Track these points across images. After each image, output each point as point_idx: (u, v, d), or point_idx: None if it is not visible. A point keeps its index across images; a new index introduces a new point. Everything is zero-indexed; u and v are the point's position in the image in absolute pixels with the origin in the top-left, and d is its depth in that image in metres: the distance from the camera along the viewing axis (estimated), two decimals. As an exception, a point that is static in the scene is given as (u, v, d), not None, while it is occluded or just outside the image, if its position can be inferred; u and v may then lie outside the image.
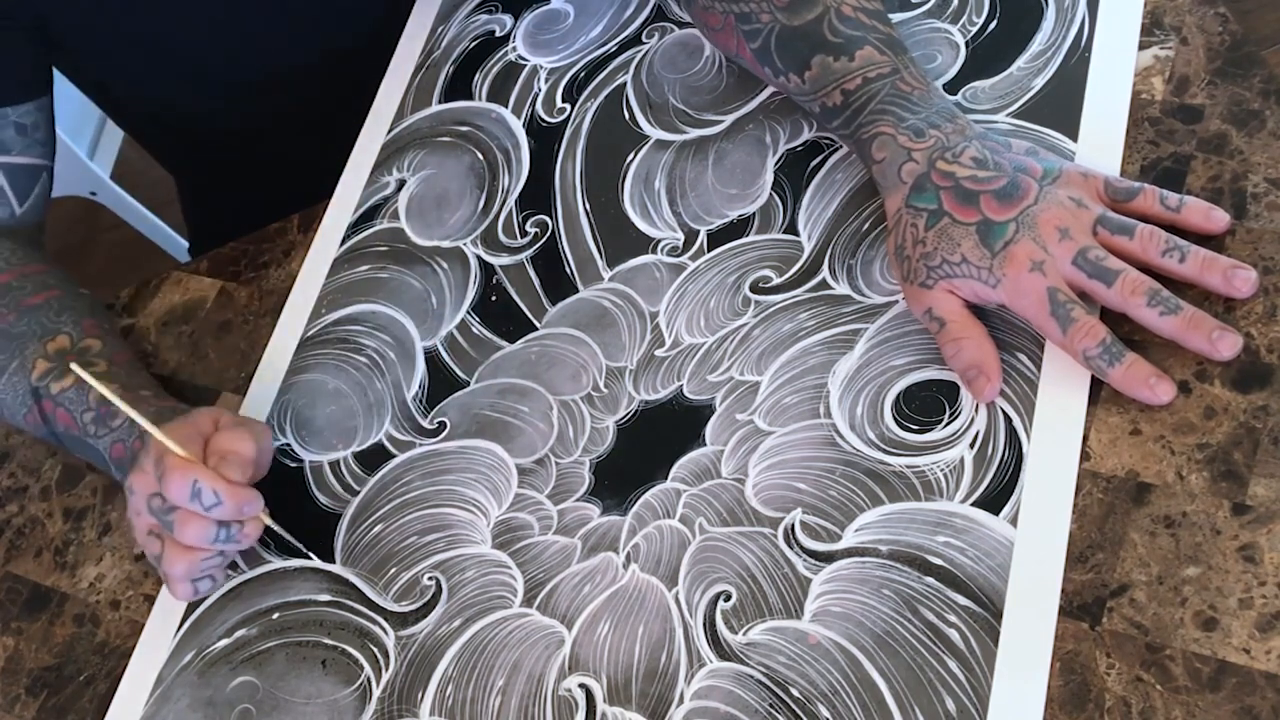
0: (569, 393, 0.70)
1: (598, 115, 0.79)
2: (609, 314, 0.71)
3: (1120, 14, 0.68)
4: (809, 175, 0.71)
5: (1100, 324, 0.58)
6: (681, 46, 0.79)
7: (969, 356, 0.60)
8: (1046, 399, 0.59)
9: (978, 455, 0.59)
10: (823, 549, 0.60)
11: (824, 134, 0.72)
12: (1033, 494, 0.57)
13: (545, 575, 0.65)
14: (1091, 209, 0.59)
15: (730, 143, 0.74)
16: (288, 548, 0.70)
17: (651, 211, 0.74)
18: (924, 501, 0.59)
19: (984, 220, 0.60)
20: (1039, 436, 0.59)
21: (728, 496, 0.63)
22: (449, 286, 0.76)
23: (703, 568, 0.62)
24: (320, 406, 0.75)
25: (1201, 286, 0.58)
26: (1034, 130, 0.66)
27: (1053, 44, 0.69)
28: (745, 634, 0.59)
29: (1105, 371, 0.57)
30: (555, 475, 0.67)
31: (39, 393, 0.73)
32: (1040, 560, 0.56)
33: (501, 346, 0.73)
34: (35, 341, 0.75)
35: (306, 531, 0.71)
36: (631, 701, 0.60)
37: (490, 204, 0.78)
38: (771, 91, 0.74)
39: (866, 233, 0.68)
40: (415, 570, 0.68)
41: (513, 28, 0.85)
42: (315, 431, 0.74)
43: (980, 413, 0.60)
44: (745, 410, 0.65)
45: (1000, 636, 0.55)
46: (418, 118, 0.84)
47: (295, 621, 0.69)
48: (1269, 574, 0.53)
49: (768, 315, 0.67)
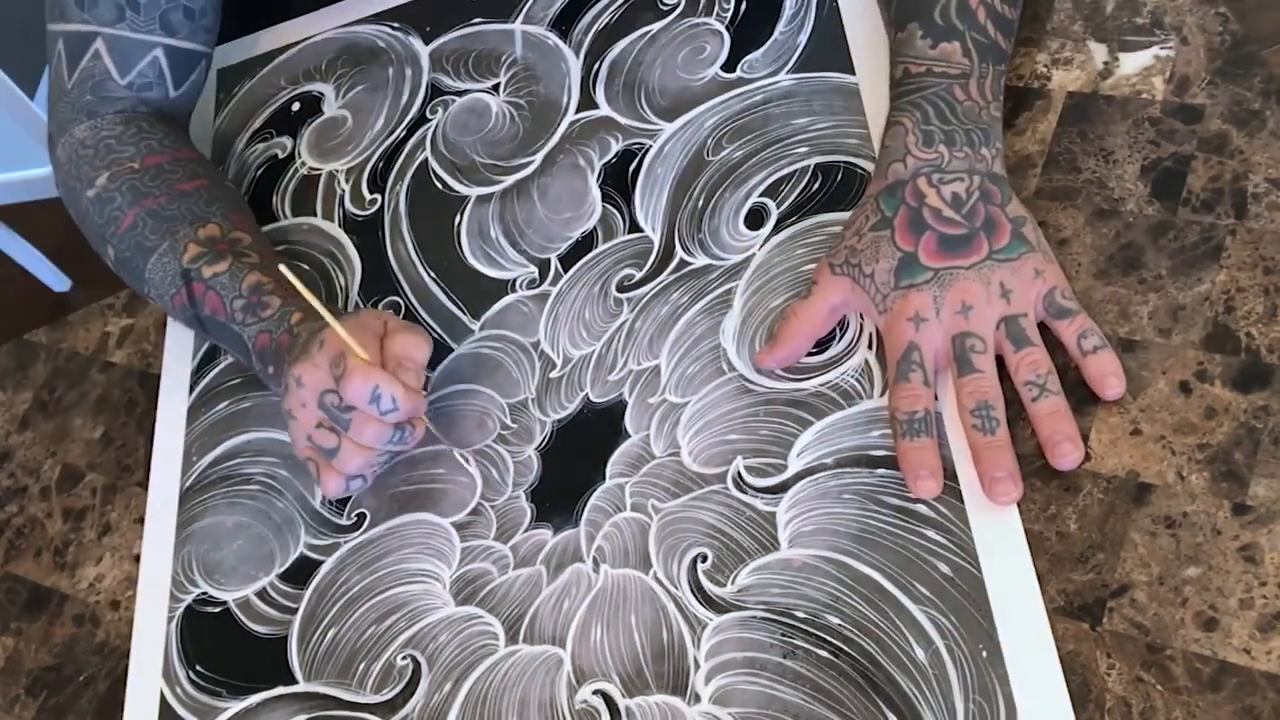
0: (479, 441, 0.70)
1: (411, 194, 0.81)
2: (491, 358, 0.72)
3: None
4: (631, 179, 0.75)
5: (925, 398, 0.60)
6: (469, 111, 0.83)
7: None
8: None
9: (879, 352, 0.64)
10: (774, 482, 0.63)
11: (632, 140, 0.76)
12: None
13: (520, 609, 0.64)
14: (1011, 306, 0.60)
15: (548, 176, 0.78)
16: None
17: (497, 258, 0.76)
18: (849, 408, 0.63)
19: (912, 255, 0.62)
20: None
21: (669, 472, 0.65)
22: (320, 390, 0.76)
23: (671, 542, 0.63)
24: (225, 546, 0.73)
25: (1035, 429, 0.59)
26: (817, 76, 0.73)
27: (803, 4, 0.76)
28: (733, 583, 0.61)
29: (897, 438, 0.60)
30: (495, 518, 0.67)
31: (189, 275, 0.73)
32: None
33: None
34: (186, 226, 0.74)
35: (254, 666, 0.68)
36: (650, 686, 0.60)
37: (334, 304, 0.78)
38: (570, 122, 0.79)
39: (703, 208, 0.72)
40: (385, 656, 0.66)
41: (294, 147, 0.87)
42: (228, 570, 0.72)
43: (866, 320, 0.65)
44: (655, 393, 0.68)
45: (961, 493, 0.59)
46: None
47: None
48: (1269, 574, 0.53)
49: (643, 306, 0.71)
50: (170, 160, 0.79)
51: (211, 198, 0.77)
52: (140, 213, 0.76)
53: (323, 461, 0.67)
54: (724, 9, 0.79)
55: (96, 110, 0.80)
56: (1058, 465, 0.58)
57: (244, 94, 0.91)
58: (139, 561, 0.74)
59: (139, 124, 0.80)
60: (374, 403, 0.63)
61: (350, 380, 0.63)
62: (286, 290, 0.72)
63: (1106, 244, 0.63)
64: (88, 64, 0.80)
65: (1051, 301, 0.60)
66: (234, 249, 0.74)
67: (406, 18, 0.89)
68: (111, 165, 0.78)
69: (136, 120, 0.80)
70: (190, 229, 0.75)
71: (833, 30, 0.75)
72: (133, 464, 0.79)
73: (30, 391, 0.86)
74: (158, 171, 0.78)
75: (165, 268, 0.75)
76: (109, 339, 0.86)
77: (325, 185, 0.84)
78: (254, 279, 0.72)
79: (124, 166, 0.78)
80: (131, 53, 0.80)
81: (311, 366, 0.66)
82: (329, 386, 0.65)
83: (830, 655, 0.58)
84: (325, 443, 0.66)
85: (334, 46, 0.90)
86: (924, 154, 0.64)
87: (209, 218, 0.76)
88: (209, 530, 0.73)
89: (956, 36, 0.65)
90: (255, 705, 0.67)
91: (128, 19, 0.79)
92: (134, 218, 0.76)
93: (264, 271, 0.73)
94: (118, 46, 0.79)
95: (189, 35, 0.81)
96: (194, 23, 0.81)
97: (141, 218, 0.76)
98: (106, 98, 0.80)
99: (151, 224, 0.75)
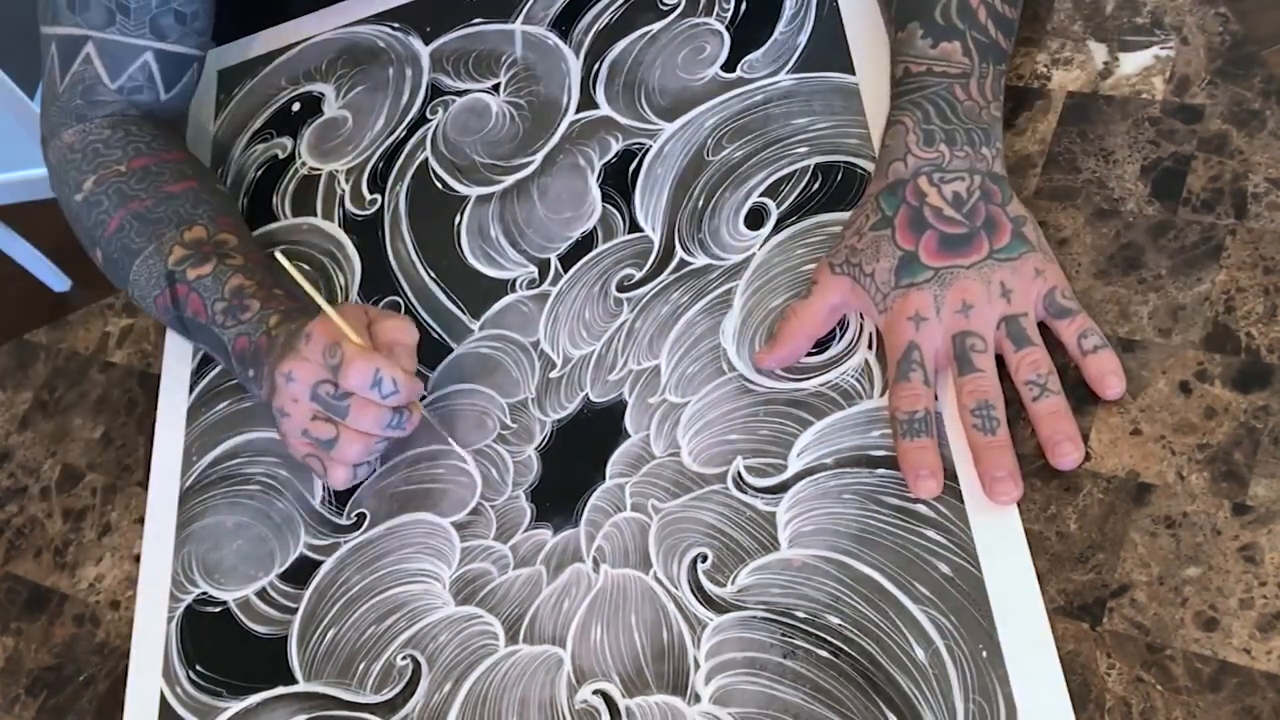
0: (479, 441, 0.70)
1: (411, 194, 0.81)
2: (491, 358, 0.72)
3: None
4: (631, 178, 0.75)
5: (925, 397, 0.59)
6: (469, 111, 0.83)
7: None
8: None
9: (879, 352, 0.64)
10: (774, 482, 0.63)
11: (632, 140, 0.76)
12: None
13: (520, 609, 0.64)
14: (1012, 305, 0.60)
15: (548, 176, 0.78)
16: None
17: (497, 257, 0.76)
18: (849, 408, 0.63)
19: (912, 254, 0.62)
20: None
21: (669, 472, 0.65)
22: (320, 390, 0.76)
23: (671, 542, 0.63)
24: (225, 546, 0.73)
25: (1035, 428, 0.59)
26: (817, 76, 0.73)
27: (803, 4, 0.76)
28: (733, 583, 0.61)
29: (897, 438, 0.60)
30: (495, 517, 0.67)
31: (174, 277, 0.73)
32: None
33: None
34: (172, 228, 0.75)
35: (254, 666, 0.68)
36: (650, 686, 0.60)
37: (334, 304, 0.78)
38: (570, 122, 0.79)
39: (703, 208, 0.72)
40: (385, 656, 0.66)
41: (294, 147, 0.87)
42: (228, 570, 0.72)
43: (866, 320, 0.65)
44: (655, 393, 0.68)
45: (961, 493, 0.59)
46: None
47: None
48: (1269, 574, 0.53)
49: (643, 306, 0.71)
50: (157, 162, 0.79)
51: (198, 199, 0.77)
52: (126, 215, 0.76)
53: (324, 455, 0.67)
54: (724, 9, 0.79)
55: (86, 115, 0.81)
56: (1058, 465, 0.58)
57: (244, 95, 0.91)
58: (139, 561, 0.74)
59: (127, 126, 0.80)
60: (375, 387, 0.64)
61: (351, 365, 0.63)
62: (268, 294, 0.72)
63: (1106, 244, 0.63)
64: (79, 68, 0.80)
65: (1051, 301, 0.60)
66: (219, 251, 0.74)
67: (406, 18, 0.89)
68: (99, 169, 0.78)
69: (125, 123, 0.80)
70: (176, 231, 0.75)
71: (833, 30, 0.75)
72: (133, 464, 0.79)
73: (30, 391, 0.86)
74: (145, 174, 0.78)
75: (150, 270, 0.75)
76: (109, 339, 0.86)
77: (325, 185, 0.84)
78: (236, 282, 0.72)
79: (111, 170, 0.78)
80: (122, 56, 0.80)
81: (301, 360, 0.66)
82: (322, 377, 0.65)
83: (830, 655, 0.58)
84: (323, 434, 0.66)
85: (334, 47, 0.90)
86: (925, 153, 0.64)
87: (195, 220, 0.76)
88: (209, 530, 0.73)
89: (957, 36, 0.65)
90: (255, 705, 0.67)
91: (118, 23, 0.79)
92: (120, 220, 0.76)
93: (247, 275, 0.73)
94: (108, 50, 0.79)
95: (179, 39, 0.81)
96: (184, 26, 0.81)
97: (128, 220, 0.76)
98: (96, 102, 0.80)
99: (137, 226, 0.76)
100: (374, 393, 0.64)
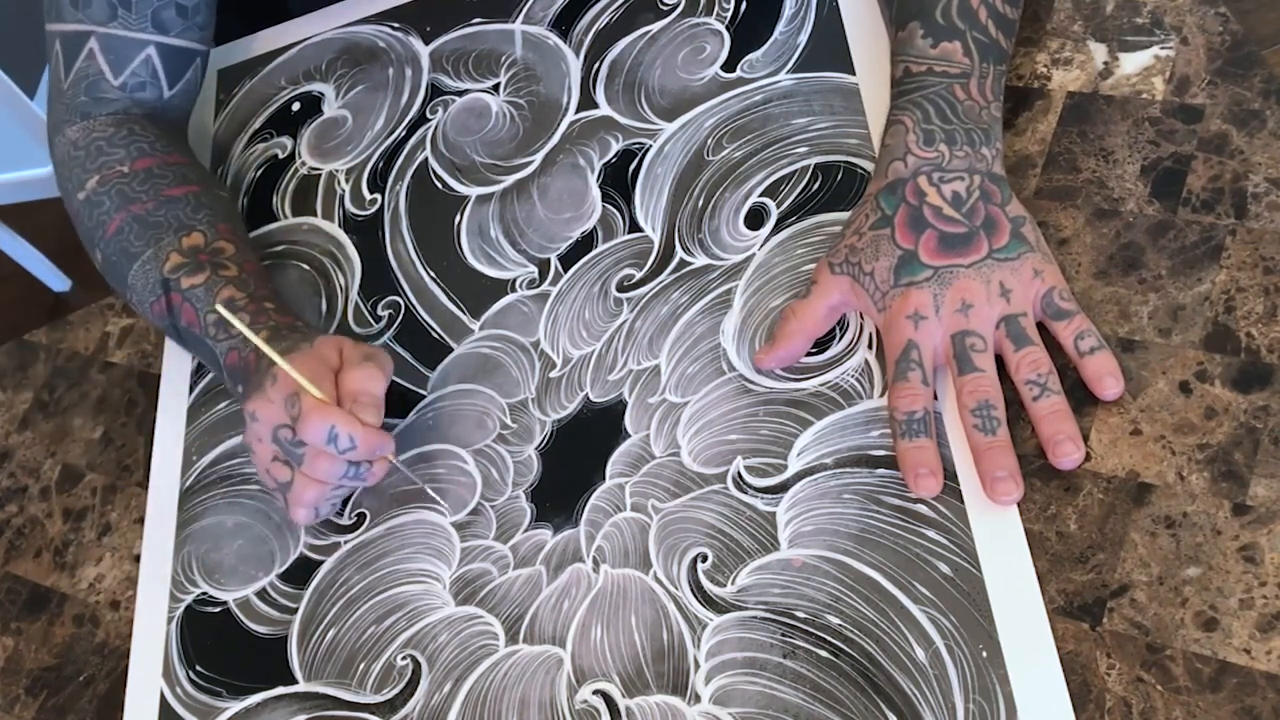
0: (479, 440, 0.70)
1: (411, 194, 0.81)
2: (491, 358, 0.72)
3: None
4: (632, 178, 0.75)
5: (923, 397, 0.59)
6: (468, 111, 0.83)
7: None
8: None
9: (879, 352, 0.64)
10: (774, 482, 0.63)
11: (632, 140, 0.76)
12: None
13: (520, 609, 0.64)
14: (1011, 305, 0.60)
15: (548, 176, 0.78)
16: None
17: (497, 257, 0.76)
18: (849, 408, 0.63)
19: (912, 253, 0.62)
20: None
21: (669, 472, 0.65)
22: (320, 390, 0.76)
23: (671, 542, 0.63)
24: (225, 546, 0.72)
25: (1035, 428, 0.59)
26: (817, 76, 0.73)
27: (803, 4, 0.76)
28: (733, 583, 0.61)
29: (896, 438, 0.60)
30: (495, 517, 0.67)
31: (169, 284, 0.73)
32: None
33: (395, 424, 0.72)
34: (171, 234, 0.74)
35: (254, 666, 0.68)
36: (650, 686, 0.60)
37: (333, 304, 0.79)
38: (570, 122, 0.79)
39: (703, 208, 0.72)
40: (385, 656, 0.66)
41: (294, 147, 0.87)
42: (229, 571, 0.72)
43: (866, 320, 0.65)
44: (655, 393, 0.68)
45: (961, 493, 0.59)
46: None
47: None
48: (1269, 574, 0.53)
49: (643, 306, 0.71)
50: (160, 164, 0.78)
51: (199, 205, 0.77)
52: (126, 218, 0.76)
53: (285, 493, 0.67)
54: (724, 9, 0.79)
55: (90, 111, 0.80)
56: (1059, 465, 0.58)
57: (244, 94, 0.91)
58: (139, 562, 0.74)
59: (131, 126, 0.80)
60: (331, 442, 0.63)
61: (307, 421, 0.62)
62: (258, 307, 0.71)
63: (1106, 244, 0.63)
64: (83, 64, 0.80)
65: (1049, 302, 0.60)
66: (214, 260, 0.74)
67: (406, 18, 0.89)
68: (102, 168, 0.78)
69: (129, 122, 0.80)
70: (174, 237, 0.75)
71: (833, 30, 0.75)
72: (133, 464, 0.79)
73: (30, 391, 0.86)
74: (147, 175, 0.77)
75: (147, 275, 0.74)
76: (109, 339, 0.86)
77: (325, 185, 0.84)
78: (228, 294, 0.71)
79: (114, 170, 0.77)
80: (124, 51, 0.80)
81: (266, 401, 0.65)
82: (282, 421, 0.64)
83: (830, 655, 0.58)
84: (280, 476, 0.66)
85: (334, 47, 0.90)
86: (924, 153, 0.64)
87: (194, 226, 0.75)
88: (209, 530, 0.73)
89: (957, 36, 0.65)
90: (255, 705, 0.67)
91: (120, 17, 0.79)
92: (120, 222, 0.76)
93: (239, 286, 0.72)
94: (111, 45, 0.79)
95: (181, 33, 0.81)
96: (186, 20, 0.81)
97: (127, 223, 0.76)
98: (100, 99, 0.80)
99: (137, 230, 0.75)
100: (330, 447, 0.63)
